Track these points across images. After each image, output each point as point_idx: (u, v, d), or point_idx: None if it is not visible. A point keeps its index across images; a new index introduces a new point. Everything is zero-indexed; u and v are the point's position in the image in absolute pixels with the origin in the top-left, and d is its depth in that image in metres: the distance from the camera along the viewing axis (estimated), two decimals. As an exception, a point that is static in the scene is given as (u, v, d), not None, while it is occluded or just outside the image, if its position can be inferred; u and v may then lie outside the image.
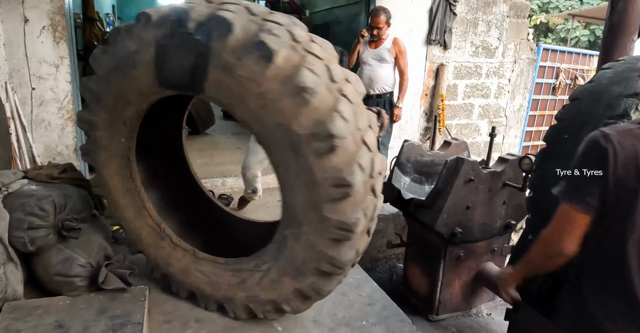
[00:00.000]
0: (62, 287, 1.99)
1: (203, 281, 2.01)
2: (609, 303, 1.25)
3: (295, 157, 1.50)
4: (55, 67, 3.33)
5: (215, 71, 1.47)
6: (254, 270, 1.85)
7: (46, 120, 3.37)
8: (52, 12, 3.24)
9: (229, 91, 1.49)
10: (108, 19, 10.07)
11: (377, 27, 3.85)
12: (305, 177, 1.52)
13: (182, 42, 1.49)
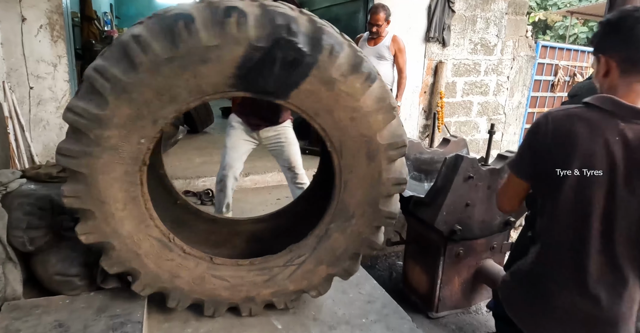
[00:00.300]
0: (62, 286, 1.99)
1: (220, 287, 1.96)
2: (556, 268, 1.35)
3: (369, 162, 1.78)
4: (53, 66, 3.32)
5: (313, 82, 1.60)
6: (286, 265, 1.98)
7: (44, 119, 3.36)
8: (49, 11, 3.23)
9: (318, 102, 1.66)
10: (106, 17, 10.05)
11: (376, 24, 3.85)
12: (373, 178, 1.81)
13: (285, 49, 1.52)
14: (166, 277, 1.89)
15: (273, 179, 4.25)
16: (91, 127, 1.56)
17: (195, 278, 1.93)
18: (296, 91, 1.62)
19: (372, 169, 1.80)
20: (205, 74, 1.54)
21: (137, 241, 1.80)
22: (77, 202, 1.66)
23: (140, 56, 1.49)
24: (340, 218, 1.92)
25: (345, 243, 1.96)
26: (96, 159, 1.61)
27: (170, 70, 1.51)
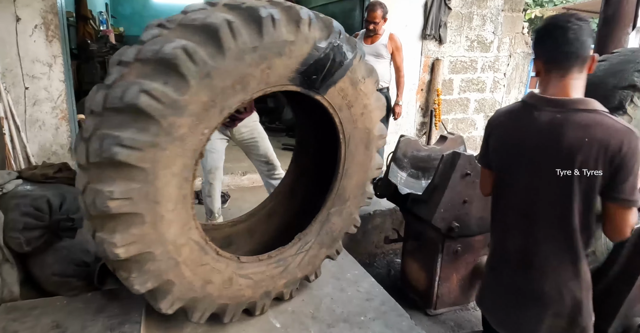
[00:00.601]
0: (59, 287, 1.99)
1: (245, 286, 1.91)
2: (496, 247, 1.62)
3: (365, 151, 2.11)
4: (49, 66, 3.30)
5: (346, 81, 1.86)
6: (297, 253, 2.07)
7: (40, 120, 3.35)
8: (44, 10, 3.21)
9: (344, 98, 1.91)
10: (101, 17, 10.01)
11: (373, 21, 3.84)
12: (365, 165, 2.14)
13: (336, 51, 1.76)
14: (198, 285, 1.72)
15: (250, 181, 4.25)
16: (166, 114, 1.38)
17: (225, 281, 1.82)
18: (333, 88, 1.84)
19: (366, 156, 2.13)
20: (277, 66, 1.62)
21: (178, 246, 1.59)
22: (128, 206, 1.40)
23: (230, 42, 1.46)
24: (339, 202, 2.15)
25: (341, 225, 2.21)
26: (162, 151, 1.42)
27: (252, 59, 1.53)
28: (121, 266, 1.52)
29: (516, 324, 1.55)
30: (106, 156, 1.35)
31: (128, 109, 1.36)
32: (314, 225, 2.13)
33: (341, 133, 2.01)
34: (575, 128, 1.32)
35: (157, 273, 1.55)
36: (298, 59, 1.67)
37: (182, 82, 1.40)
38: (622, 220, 1.34)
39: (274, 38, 1.56)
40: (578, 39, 1.33)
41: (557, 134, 1.35)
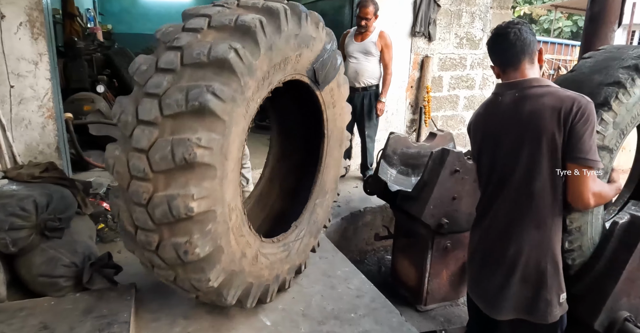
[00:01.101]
0: (47, 288, 1.97)
1: (264, 266, 1.94)
2: (476, 217, 1.74)
3: (339, 148, 2.45)
4: (34, 64, 3.25)
5: (334, 82, 2.24)
6: (295, 240, 2.21)
7: (26, 118, 3.30)
8: (29, 7, 3.15)
9: (332, 97, 2.27)
10: (89, 14, 9.88)
11: (365, 17, 3.83)
12: (338, 161, 2.48)
13: (334, 55, 2.17)
14: (237, 257, 1.71)
15: (260, 175, 4.23)
16: (244, 72, 1.53)
17: (253, 257, 1.83)
18: (328, 86, 2.18)
19: (339, 154, 2.49)
20: (304, 56, 1.92)
21: (230, 210, 1.62)
22: (209, 155, 1.44)
23: (285, 24, 1.71)
24: (321, 194, 2.39)
25: (322, 216, 2.43)
26: (237, 107, 1.53)
27: (294, 44, 1.80)
28: (184, 227, 1.48)
29: (485, 290, 1.65)
30: (196, 104, 1.42)
31: (215, 64, 1.48)
32: (305, 214, 2.31)
33: (325, 129, 2.30)
34: (532, 100, 1.50)
35: (214, 236, 1.54)
36: (314, 54, 1.99)
37: (256, 48, 1.58)
38: (581, 183, 1.44)
39: (307, 31, 1.88)
40: (519, 39, 1.53)
41: (517, 108, 1.52)
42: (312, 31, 1.94)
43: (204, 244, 1.50)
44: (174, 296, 2.21)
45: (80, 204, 2.47)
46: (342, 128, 2.42)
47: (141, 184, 1.47)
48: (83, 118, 4.37)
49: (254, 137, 5.77)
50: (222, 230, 1.57)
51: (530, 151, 1.50)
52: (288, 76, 1.89)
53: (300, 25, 1.83)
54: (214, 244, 1.55)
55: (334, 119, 2.33)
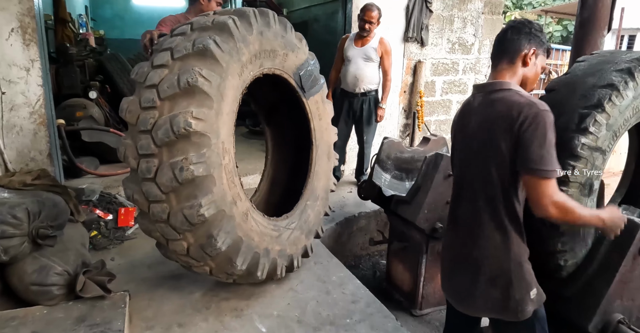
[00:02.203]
0: (39, 297, 1.94)
1: (255, 230, 2.07)
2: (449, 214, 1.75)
3: (327, 162, 2.72)
4: (26, 70, 3.23)
5: (319, 97, 2.60)
6: (286, 227, 2.35)
7: (18, 125, 3.27)
8: (21, 13, 3.14)
9: (318, 109, 2.61)
10: (81, 20, 9.85)
11: (370, 21, 3.82)
12: (327, 174, 2.73)
13: (315, 70, 2.55)
14: (228, 200, 1.88)
15: (255, 181, 4.23)
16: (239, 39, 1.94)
17: (244, 213, 2.00)
18: (312, 98, 2.53)
19: (327, 167, 2.72)
20: (290, 58, 2.32)
21: (224, 149, 1.87)
22: (208, 85, 1.77)
23: (273, 22, 2.19)
24: (312, 197, 2.57)
25: (314, 220, 2.56)
26: (232, 62, 1.90)
27: (282, 42, 2.23)
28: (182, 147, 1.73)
29: (455, 288, 1.68)
30: (201, 46, 1.80)
31: (217, 26, 1.91)
32: (296, 210, 2.48)
33: (313, 137, 2.60)
34: (487, 105, 1.52)
35: (208, 162, 1.77)
36: (299, 61, 2.39)
37: (249, 27, 2.01)
38: (537, 192, 1.40)
39: (291, 39, 2.32)
40: (508, 38, 1.54)
41: (478, 112, 1.55)
42: (296, 42, 2.37)
43: (198, 164, 1.72)
44: (169, 304, 2.20)
45: (72, 211, 2.45)
46: (328, 142, 2.71)
47: (149, 113, 1.78)
48: (75, 124, 4.34)
49: (248, 143, 5.77)
50: (215, 162, 1.80)
51: (482, 157, 1.52)
52: (277, 70, 2.26)
53: (286, 31, 2.28)
54: (207, 169, 1.75)
55: (321, 131, 2.63)
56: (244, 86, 2.03)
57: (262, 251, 2.09)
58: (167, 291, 2.31)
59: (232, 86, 1.91)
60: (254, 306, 2.22)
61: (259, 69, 2.13)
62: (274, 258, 2.18)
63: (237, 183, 1.99)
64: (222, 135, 1.85)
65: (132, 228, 3.03)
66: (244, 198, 2.03)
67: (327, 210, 2.72)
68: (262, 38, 2.09)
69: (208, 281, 2.39)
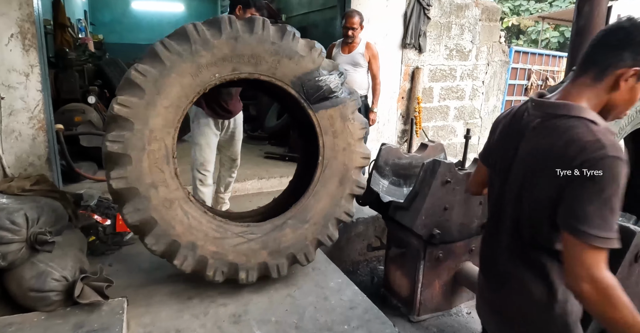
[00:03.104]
0: (37, 303, 1.94)
1: (179, 221, 2.17)
2: (482, 249, 1.49)
3: (339, 186, 2.46)
4: (25, 75, 3.24)
5: (336, 111, 2.41)
6: (239, 234, 2.29)
7: (16, 130, 3.28)
8: (20, 19, 3.16)
9: (332, 126, 2.42)
10: (80, 25, 9.87)
11: (352, 27, 3.88)
12: (335, 199, 2.46)
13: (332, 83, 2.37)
14: (146, 182, 2.07)
15: (253, 186, 4.24)
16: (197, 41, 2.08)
17: (167, 199, 2.13)
18: (324, 111, 2.39)
19: (338, 191, 2.46)
20: (285, 64, 2.27)
21: (152, 137, 2.06)
22: (140, 78, 2.00)
23: (259, 29, 2.20)
24: (299, 218, 2.40)
25: (291, 242, 2.37)
26: (181, 61, 2.06)
27: (269, 47, 2.22)
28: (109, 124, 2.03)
29: (487, 312, 1.44)
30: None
31: (179, 31, 2.12)
32: (267, 224, 2.37)
33: (321, 155, 2.42)
34: (543, 134, 1.16)
35: (126, 142, 2.01)
36: (301, 69, 2.31)
37: (217, 32, 2.12)
38: (573, 258, 1.06)
39: (290, 46, 2.27)
40: (605, 43, 1.13)
41: (530, 139, 1.20)
42: (300, 50, 2.30)
43: (114, 143, 1.99)
44: (166, 309, 2.20)
45: (71, 216, 2.45)
46: (346, 165, 2.45)
47: None
48: (74, 129, 4.35)
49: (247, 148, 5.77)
50: (135, 145, 2.01)
51: (520, 194, 1.23)
52: (264, 76, 2.26)
53: (282, 39, 2.25)
54: (122, 149, 1.99)
55: (334, 150, 2.42)
56: (205, 86, 2.15)
57: (184, 242, 2.16)
58: (165, 297, 2.31)
59: (179, 83, 2.08)
60: (251, 312, 2.22)
61: (233, 72, 2.19)
62: (202, 255, 2.19)
63: (168, 171, 2.12)
64: (152, 124, 2.05)
65: (130, 233, 3.03)
66: (175, 187, 2.15)
67: (322, 239, 2.45)
68: (237, 43, 2.15)
69: (206, 287, 2.39)
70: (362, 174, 2.53)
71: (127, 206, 2.06)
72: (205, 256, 2.20)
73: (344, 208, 2.48)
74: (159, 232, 2.12)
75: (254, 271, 2.31)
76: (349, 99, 2.41)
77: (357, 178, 2.49)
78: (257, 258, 2.31)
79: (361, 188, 2.50)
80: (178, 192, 2.16)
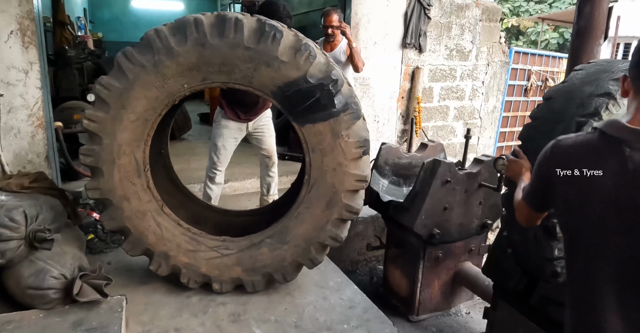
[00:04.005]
0: (35, 300, 1.93)
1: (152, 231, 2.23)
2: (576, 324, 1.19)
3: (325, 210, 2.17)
4: (25, 73, 3.22)
5: (326, 127, 2.06)
6: (213, 248, 2.25)
7: (15, 127, 3.26)
8: (20, 16, 3.14)
9: (320, 143, 2.08)
10: (79, 22, 9.86)
11: (330, 25, 3.83)
12: (319, 224, 2.19)
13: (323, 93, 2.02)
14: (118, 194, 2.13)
15: (252, 185, 4.23)
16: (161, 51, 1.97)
17: (139, 211, 2.18)
18: (311, 126, 2.06)
19: (323, 216, 2.17)
20: (263, 73, 1.99)
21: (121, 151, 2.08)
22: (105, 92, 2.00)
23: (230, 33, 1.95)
24: (277, 239, 2.24)
25: (267, 261, 2.25)
26: (145, 73, 1.98)
27: (244, 54, 1.96)
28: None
29: None
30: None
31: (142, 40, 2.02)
32: (244, 240, 2.27)
33: (307, 174, 2.15)
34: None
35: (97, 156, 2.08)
36: (283, 79, 1.99)
37: (183, 39, 1.95)
38: None
39: (268, 50, 1.94)
40: None
41: (636, 177, 1.00)
42: (282, 53, 1.95)
43: (86, 156, 2.06)
44: (165, 308, 2.19)
45: (69, 214, 2.45)
46: (335, 187, 2.12)
47: None
48: (73, 127, 4.34)
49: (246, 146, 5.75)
50: (105, 159, 2.06)
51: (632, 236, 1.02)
52: (240, 86, 2.04)
53: (259, 42, 1.94)
54: (94, 162, 2.06)
55: (322, 170, 2.10)
56: (174, 97, 2.06)
57: (157, 251, 2.23)
58: (164, 295, 2.30)
59: (144, 96, 2.01)
60: (251, 311, 2.21)
61: (203, 82, 2.03)
62: (174, 265, 2.26)
63: (140, 184, 2.14)
64: (120, 139, 2.05)
65: (129, 231, 3.02)
66: (148, 200, 2.18)
67: (304, 262, 2.25)
68: (204, 50, 1.94)
69: (205, 286, 2.38)
70: (359, 196, 2.21)
71: (104, 214, 2.18)
72: (178, 266, 2.25)
73: (330, 232, 2.19)
74: (134, 240, 2.22)
75: (228, 284, 2.31)
76: (343, 112, 2.03)
77: (348, 202, 2.14)
78: (230, 273, 2.28)
79: (353, 213, 2.17)
80: (150, 204, 2.19)
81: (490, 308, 2.31)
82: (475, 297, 3.09)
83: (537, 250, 1.81)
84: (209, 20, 1.95)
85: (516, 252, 1.98)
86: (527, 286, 2.00)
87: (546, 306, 1.94)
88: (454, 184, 2.66)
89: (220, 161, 3.11)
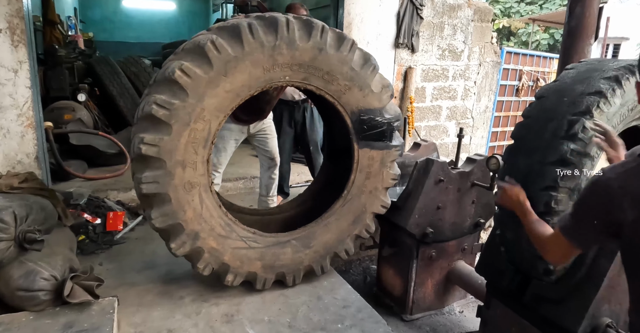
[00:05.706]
0: (25, 302, 1.91)
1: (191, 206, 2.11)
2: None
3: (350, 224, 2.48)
4: (14, 72, 3.19)
5: (379, 155, 2.43)
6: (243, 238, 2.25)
7: (5, 127, 3.22)
8: (9, 14, 3.10)
9: (369, 166, 2.42)
10: (70, 22, 9.76)
11: None
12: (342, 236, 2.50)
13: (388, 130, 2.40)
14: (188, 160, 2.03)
15: (245, 185, 4.22)
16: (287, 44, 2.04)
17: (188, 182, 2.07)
18: (367, 150, 2.39)
19: (348, 230, 2.48)
20: (353, 92, 2.25)
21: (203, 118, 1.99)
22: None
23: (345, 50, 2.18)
24: (303, 241, 2.38)
25: (287, 261, 2.36)
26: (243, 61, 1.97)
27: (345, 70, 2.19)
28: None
29: None
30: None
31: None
32: (272, 237, 2.35)
33: (346, 189, 2.41)
34: None
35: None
36: (366, 105, 2.29)
37: (306, 37, 2.08)
38: None
39: (366, 77, 2.25)
40: None
41: None
42: (374, 84, 2.28)
43: (161, 106, 1.90)
44: (158, 309, 2.17)
45: (60, 215, 2.42)
46: (364, 207, 2.46)
47: None
48: (63, 127, 4.29)
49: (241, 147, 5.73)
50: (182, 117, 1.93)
51: None
52: (329, 97, 2.22)
53: (362, 67, 2.23)
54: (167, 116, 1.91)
55: (361, 190, 2.42)
56: (271, 84, 2.08)
57: (188, 230, 2.08)
58: (157, 296, 2.28)
59: (249, 72, 1.99)
60: (244, 311, 2.20)
61: (302, 81, 2.14)
62: (199, 247, 2.12)
63: (201, 155, 2.05)
64: (207, 103, 1.97)
65: (121, 232, 2.99)
66: (202, 173, 2.07)
67: (315, 268, 2.45)
68: (319, 54, 2.09)
69: (198, 287, 2.37)
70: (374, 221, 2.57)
71: (147, 174, 1.96)
72: (202, 249, 2.14)
73: (347, 246, 2.50)
74: (168, 211, 2.02)
75: (241, 278, 2.29)
76: (395, 148, 2.43)
77: (369, 223, 2.51)
78: (250, 266, 2.28)
79: (368, 233, 2.53)
80: (203, 178, 2.08)
81: (483, 306, 2.31)
82: (469, 296, 3.10)
83: (530, 248, 1.82)
84: (334, 34, 2.16)
85: (509, 250, 1.99)
86: (520, 284, 2.00)
87: (539, 304, 1.95)
88: (447, 183, 2.67)
89: (220, 163, 3.09)
